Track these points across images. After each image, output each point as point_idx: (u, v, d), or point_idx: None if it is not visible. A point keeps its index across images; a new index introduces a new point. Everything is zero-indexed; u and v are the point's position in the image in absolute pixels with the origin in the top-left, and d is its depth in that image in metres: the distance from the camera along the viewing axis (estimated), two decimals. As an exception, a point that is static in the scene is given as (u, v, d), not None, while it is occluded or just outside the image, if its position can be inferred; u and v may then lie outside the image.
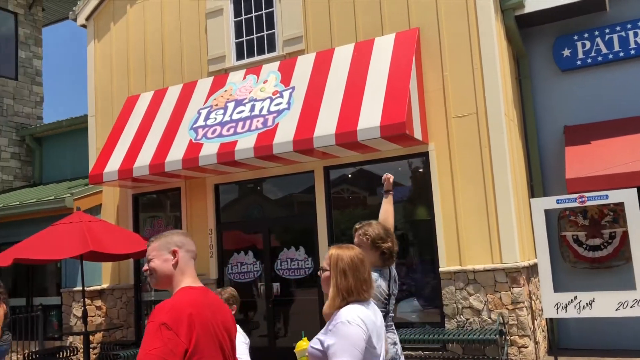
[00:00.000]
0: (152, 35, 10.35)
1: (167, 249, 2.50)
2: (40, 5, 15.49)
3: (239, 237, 9.54)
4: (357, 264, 2.70)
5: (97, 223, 8.52)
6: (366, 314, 2.61)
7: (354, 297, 2.64)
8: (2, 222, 11.25)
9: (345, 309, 2.60)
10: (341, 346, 2.48)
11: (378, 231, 3.46)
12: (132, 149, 9.18)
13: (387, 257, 3.47)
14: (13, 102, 14.54)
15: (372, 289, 2.75)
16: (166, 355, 2.16)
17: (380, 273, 3.48)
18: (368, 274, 2.73)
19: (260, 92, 8.61)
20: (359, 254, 2.75)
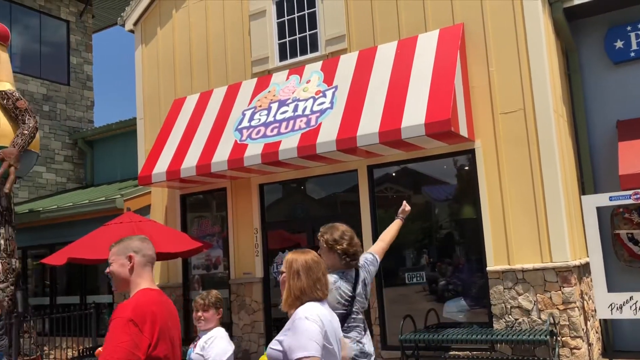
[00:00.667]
0: (197, 38, 10.54)
1: (124, 254, 2.68)
2: (91, 13, 16.00)
3: (283, 236, 9.61)
4: (310, 266, 2.81)
5: (146, 223, 8.74)
6: (323, 312, 2.71)
7: (307, 297, 2.75)
8: (56, 223, 11.67)
9: (302, 307, 2.70)
10: (301, 342, 2.56)
11: (333, 234, 3.60)
12: (179, 151, 9.37)
13: (346, 259, 3.57)
14: (65, 106, 15.07)
15: (326, 289, 2.84)
16: (133, 349, 2.34)
17: (342, 275, 3.59)
18: (323, 275, 2.83)
19: (303, 92, 8.65)
20: (314, 257, 2.87)
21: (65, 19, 15.40)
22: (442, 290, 8.16)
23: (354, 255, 3.61)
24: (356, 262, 3.64)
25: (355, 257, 3.62)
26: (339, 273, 3.59)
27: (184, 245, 8.72)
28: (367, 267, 3.83)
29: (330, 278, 3.43)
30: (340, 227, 3.69)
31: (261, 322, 9.30)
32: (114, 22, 17.13)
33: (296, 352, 2.55)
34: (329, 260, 3.60)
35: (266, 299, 9.37)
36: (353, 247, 3.61)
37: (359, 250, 3.67)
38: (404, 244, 8.45)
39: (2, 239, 10.28)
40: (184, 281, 10.29)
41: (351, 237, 3.64)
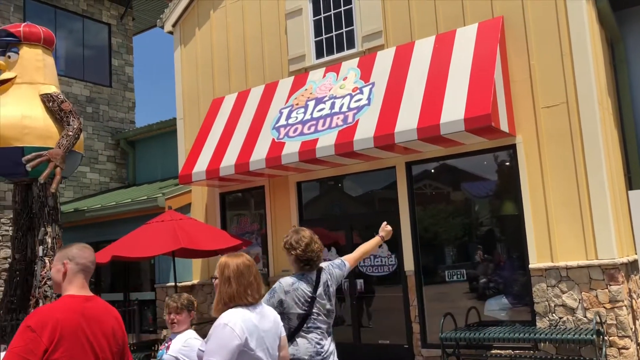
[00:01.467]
0: (234, 38, 10.64)
1: (60, 261, 2.82)
2: (131, 15, 16.34)
3: (321, 233, 9.53)
4: (242, 271, 2.89)
5: (187, 221, 8.88)
6: (247, 318, 2.80)
7: (236, 302, 2.85)
8: (100, 222, 11.97)
9: (225, 313, 2.81)
10: (214, 346, 2.71)
11: (292, 239, 3.76)
12: (218, 150, 9.48)
13: (300, 263, 3.73)
14: (108, 108, 15.44)
15: (257, 293, 2.90)
16: (25, 354, 2.47)
17: (302, 277, 3.73)
18: (254, 279, 2.91)
19: (340, 89, 8.64)
20: (246, 261, 2.95)
21: (107, 22, 15.77)
22: (482, 288, 8.04)
23: (308, 261, 3.72)
24: (310, 266, 3.74)
25: (309, 262, 3.73)
26: (299, 275, 3.72)
27: (224, 242, 8.83)
28: (331, 269, 3.91)
29: (289, 280, 3.63)
30: (302, 232, 3.80)
31: (300, 319, 9.33)
32: (154, 24, 17.46)
33: (208, 356, 2.70)
34: (290, 262, 3.81)
35: (305, 297, 9.39)
36: (307, 253, 3.71)
37: (315, 256, 3.75)
38: (444, 241, 8.35)
39: (50, 237, 10.60)
40: (224, 278, 10.41)
41: (307, 244, 3.74)
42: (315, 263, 3.77)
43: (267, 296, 3.69)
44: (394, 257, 8.56)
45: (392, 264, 8.57)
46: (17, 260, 11.01)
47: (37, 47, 11.13)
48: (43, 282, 10.37)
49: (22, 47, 10.96)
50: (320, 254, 3.80)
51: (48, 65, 11.28)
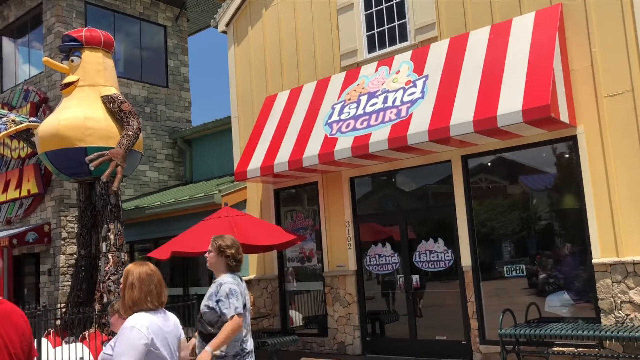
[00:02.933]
0: (286, 35, 10.72)
1: None
2: (185, 17, 16.71)
3: (375, 229, 9.58)
4: (143, 278, 3.11)
5: (243, 217, 9.02)
6: (151, 321, 3.01)
7: (139, 307, 3.06)
8: (160, 218, 12.32)
9: (131, 317, 3.02)
10: (122, 348, 2.90)
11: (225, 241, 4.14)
12: (272, 146, 9.59)
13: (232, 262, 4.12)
14: (165, 107, 15.86)
15: (157, 300, 3.11)
16: None
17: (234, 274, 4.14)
18: (155, 287, 3.12)
19: (393, 83, 8.56)
20: (149, 270, 3.16)
21: (163, 24, 16.18)
22: (542, 284, 7.82)
23: (240, 261, 4.15)
24: (239, 266, 4.15)
25: (240, 261, 4.15)
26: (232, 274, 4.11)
27: (279, 238, 8.92)
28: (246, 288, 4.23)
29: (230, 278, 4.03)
30: (227, 236, 4.24)
31: (356, 314, 9.34)
32: (207, 25, 17.79)
33: (117, 357, 2.90)
34: (218, 263, 4.13)
35: (360, 292, 9.39)
36: (239, 254, 4.15)
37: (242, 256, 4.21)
38: (501, 235, 8.17)
39: (112, 234, 11.00)
40: (280, 273, 10.54)
41: (238, 247, 4.17)
42: (241, 263, 4.19)
43: (233, 299, 3.93)
44: (450, 253, 8.44)
45: (449, 260, 8.45)
46: (82, 256, 11.48)
47: (98, 51, 11.54)
48: (107, 277, 10.77)
49: (84, 51, 11.39)
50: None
51: (108, 68, 11.68)
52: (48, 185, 13.49)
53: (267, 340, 8.84)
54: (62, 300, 12.59)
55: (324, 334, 9.79)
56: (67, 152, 10.82)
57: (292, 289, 10.53)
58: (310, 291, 10.32)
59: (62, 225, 13.15)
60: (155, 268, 3.23)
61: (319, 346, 9.83)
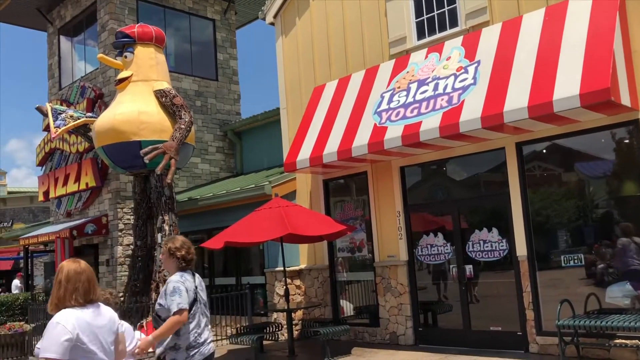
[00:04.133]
0: (334, 25, 10.67)
1: None
2: (234, 10, 16.87)
3: (427, 218, 9.47)
4: (71, 277, 3.21)
5: (293, 208, 9.08)
6: (77, 317, 3.12)
7: (63, 304, 3.16)
8: (212, 209, 12.54)
9: (58, 313, 3.13)
10: (47, 343, 3.02)
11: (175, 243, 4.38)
12: (321, 137, 9.59)
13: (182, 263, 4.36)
14: (215, 101, 16.09)
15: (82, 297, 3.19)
16: None
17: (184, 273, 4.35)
18: (83, 284, 3.22)
19: (444, 70, 8.41)
20: (78, 268, 3.26)
21: (211, 18, 16.39)
22: (601, 274, 7.55)
23: (190, 261, 4.39)
24: (189, 266, 4.40)
25: (190, 262, 4.40)
26: (180, 272, 4.35)
27: (329, 228, 8.94)
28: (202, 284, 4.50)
29: (177, 277, 4.27)
30: (180, 238, 4.50)
31: (408, 304, 9.28)
32: (255, 17, 17.90)
33: (42, 352, 3.01)
34: (169, 264, 4.41)
35: (412, 282, 9.32)
36: (189, 254, 4.40)
37: (193, 256, 4.43)
38: (558, 224, 7.93)
39: (167, 225, 11.27)
40: (330, 263, 10.57)
41: (189, 247, 4.42)
42: (193, 263, 4.45)
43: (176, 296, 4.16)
44: (505, 242, 8.25)
45: (503, 249, 8.27)
46: (139, 247, 11.83)
47: (150, 46, 11.81)
48: (162, 267, 11.06)
49: (136, 46, 11.68)
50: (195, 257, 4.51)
51: (160, 63, 11.94)
52: (105, 179, 13.93)
53: (319, 329, 8.89)
54: (120, 289, 13.01)
55: (376, 324, 9.77)
56: (122, 146, 11.15)
57: (343, 279, 10.55)
58: (361, 281, 10.31)
59: (119, 217, 13.57)
60: (86, 266, 3.33)
61: (370, 336, 9.82)
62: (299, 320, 10.74)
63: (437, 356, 8.23)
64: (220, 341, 10.99)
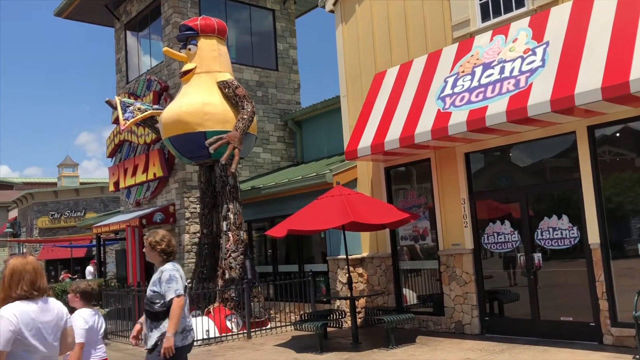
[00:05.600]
0: (394, 10, 10.51)
1: None
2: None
3: (493, 206, 9.24)
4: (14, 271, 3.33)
5: (355, 196, 9.07)
6: (22, 310, 3.22)
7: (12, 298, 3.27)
8: (274, 198, 12.70)
9: (4, 307, 3.23)
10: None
11: (155, 237, 4.64)
12: (382, 124, 9.50)
13: (163, 256, 4.64)
14: (275, 90, 16.23)
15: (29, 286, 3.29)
16: None
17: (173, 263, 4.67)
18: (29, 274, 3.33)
19: (510, 52, 8.13)
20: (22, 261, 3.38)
21: (271, 8, 16.51)
22: (682, 263, 7.15)
23: (170, 253, 4.66)
24: (172, 257, 4.66)
25: (170, 254, 4.66)
26: (172, 262, 4.64)
27: (392, 216, 8.87)
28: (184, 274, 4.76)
29: (169, 266, 4.58)
30: (161, 232, 4.73)
31: (473, 293, 9.11)
32: (314, 6, 17.90)
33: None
34: (153, 256, 4.67)
35: (477, 271, 9.13)
36: (169, 247, 4.65)
37: (174, 249, 4.70)
38: (632, 212, 7.55)
39: (232, 213, 11.52)
40: (393, 251, 10.50)
41: (169, 240, 4.67)
42: (174, 255, 4.71)
43: (173, 283, 4.47)
44: (576, 230, 7.94)
45: (574, 237, 7.96)
46: (205, 235, 12.15)
47: (212, 38, 12.03)
48: (228, 255, 11.32)
49: (199, 39, 11.92)
50: (175, 249, 4.81)
51: (222, 54, 12.14)
52: (172, 169, 14.36)
53: (383, 317, 8.87)
54: (188, 276, 13.42)
55: (440, 312, 9.65)
56: (188, 136, 11.45)
57: (406, 267, 10.47)
58: (424, 269, 10.20)
59: (186, 206, 13.96)
60: (32, 259, 3.45)
61: (435, 325, 9.71)
62: (362, 308, 10.75)
63: (505, 346, 8.05)
64: (285, 327, 11.16)
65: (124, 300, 11.71)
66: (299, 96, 16.80)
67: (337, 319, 10.13)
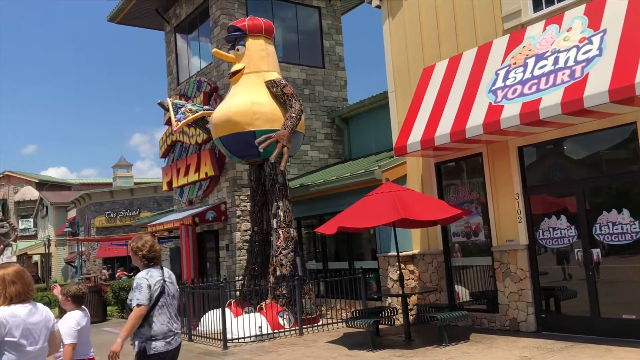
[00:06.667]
0: (442, 3, 10.36)
1: None
2: (338, -4, 16.89)
3: (548, 200, 8.99)
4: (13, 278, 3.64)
5: (405, 192, 8.99)
6: (11, 313, 3.53)
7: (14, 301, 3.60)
8: (323, 195, 12.74)
9: None
10: None
11: (137, 243, 4.75)
12: (432, 119, 9.39)
13: (144, 261, 4.71)
14: (322, 88, 16.26)
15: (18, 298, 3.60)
16: None
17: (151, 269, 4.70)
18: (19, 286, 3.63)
19: (564, 42, 7.89)
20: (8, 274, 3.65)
21: (317, 6, 16.53)
22: None
23: (152, 259, 4.71)
24: (154, 263, 4.71)
25: (153, 259, 4.71)
26: (147, 269, 4.69)
27: (443, 212, 8.76)
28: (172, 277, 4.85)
29: (144, 273, 4.64)
30: (144, 237, 4.82)
31: (529, 290, 8.90)
32: (360, 2, 17.83)
33: None
34: (136, 261, 4.76)
35: (533, 267, 8.91)
36: (151, 253, 4.71)
37: (157, 254, 4.76)
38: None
39: (281, 210, 11.62)
40: (445, 248, 10.37)
41: (151, 245, 4.73)
42: (158, 260, 4.75)
43: (136, 292, 4.52)
44: (638, 224, 7.64)
45: (636, 232, 7.66)
46: (256, 232, 12.31)
47: (260, 38, 12.16)
48: (278, 252, 11.44)
49: (247, 39, 12.07)
50: (160, 254, 4.82)
51: (270, 54, 12.26)
52: (222, 168, 14.60)
53: (436, 315, 8.78)
54: (240, 273, 13.63)
55: (494, 309, 9.48)
56: (238, 136, 11.62)
57: (458, 264, 10.32)
58: (477, 266, 10.03)
59: (237, 204, 14.17)
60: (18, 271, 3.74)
61: (489, 322, 9.54)
62: (414, 305, 10.67)
63: (563, 344, 7.83)
64: (336, 324, 11.19)
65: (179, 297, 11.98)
66: (346, 93, 16.78)
67: (388, 316, 10.08)
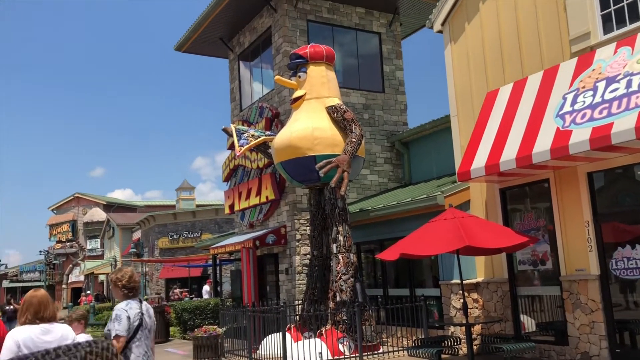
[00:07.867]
0: (506, 26, 10.22)
1: None
2: (398, 21, 16.97)
3: (621, 228, 8.59)
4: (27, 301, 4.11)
5: (469, 219, 8.81)
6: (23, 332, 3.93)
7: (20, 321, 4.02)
8: (383, 220, 12.64)
9: (14, 329, 3.98)
10: (3, 352, 3.83)
11: (117, 274, 4.85)
12: (496, 144, 9.20)
13: (124, 291, 4.80)
14: (382, 112, 16.27)
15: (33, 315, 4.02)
16: None
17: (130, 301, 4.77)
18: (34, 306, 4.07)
19: (637, 65, 7.61)
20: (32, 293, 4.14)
21: (377, 32, 16.64)
22: None
23: (131, 289, 4.81)
24: (133, 294, 4.81)
25: (132, 290, 4.81)
26: (127, 301, 4.75)
27: (509, 240, 8.51)
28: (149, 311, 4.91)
29: (123, 304, 4.72)
30: (124, 269, 4.92)
31: (601, 323, 8.48)
32: (420, 26, 17.83)
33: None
34: (116, 292, 4.85)
35: (605, 298, 8.51)
36: (130, 283, 4.81)
37: (137, 285, 4.87)
38: None
39: (341, 235, 11.61)
40: (510, 276, 10.05)
41: (130, 276, 4.83)
42: (137, 291, 4.85)
43: (115, 323, 4.58)
44: None
45: None
46: (315, 257, 12.33)
47: (321, 65, 12.34)
48: (338, 277, 11.40)
49: (309, 66, 12.27)
50: (139, 285, 4.92)
51: (331, 80, 12.41)
52: (283, 192, 14.77)
53: (502, 345, 8.50)
54: (299, 297, 13.65)
55: (564, 342, 9.07)
56: (299, 161, 11.76)
57: (524, 293, 9.96)
58: (544, 295, 9.65)
59: (296, 228, 14.26)
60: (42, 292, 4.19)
61: (558, 355, 9.14)
62: (478, 334, 10.35)
63: (640, 382, 7.40)
64: (398, 352, 10.99)
65: (239, 319, 12.12)
66: (406, 117, 16.71)
67: (451, 345, 9.82)
